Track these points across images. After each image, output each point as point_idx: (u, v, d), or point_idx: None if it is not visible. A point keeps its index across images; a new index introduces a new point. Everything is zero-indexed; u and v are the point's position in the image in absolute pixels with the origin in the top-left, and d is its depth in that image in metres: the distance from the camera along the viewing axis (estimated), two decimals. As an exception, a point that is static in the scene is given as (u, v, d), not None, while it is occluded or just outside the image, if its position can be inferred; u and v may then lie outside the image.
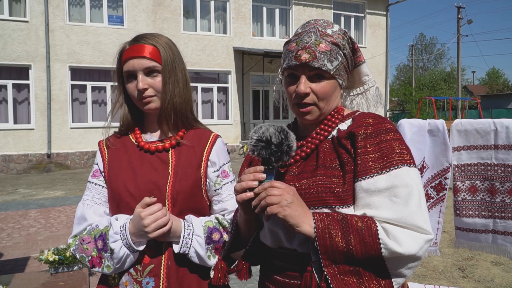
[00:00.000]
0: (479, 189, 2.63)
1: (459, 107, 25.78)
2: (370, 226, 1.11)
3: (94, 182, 1.49)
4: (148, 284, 1.37)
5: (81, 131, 14.76)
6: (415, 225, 1.10)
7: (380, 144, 1.17)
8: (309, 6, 18.46)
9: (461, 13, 28.95)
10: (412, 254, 1.09)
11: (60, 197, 9.31)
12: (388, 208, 1.13)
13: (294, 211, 1.12)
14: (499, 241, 2.62)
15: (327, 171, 1.21)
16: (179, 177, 1.41)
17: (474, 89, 46.53)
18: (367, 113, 1.29)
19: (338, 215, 1.14)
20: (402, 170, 1.14)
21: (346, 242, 1.10)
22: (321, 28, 1.30)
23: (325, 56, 1.25)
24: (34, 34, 13.96)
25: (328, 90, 1.28)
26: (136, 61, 1.39)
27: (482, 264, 4.67)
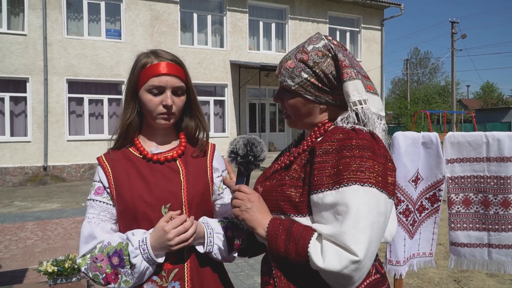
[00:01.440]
0: (472, 201, 2.68)
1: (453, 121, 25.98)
2: (305, 238, 1.18)
3: (98, 199, 1.48)
4: None
5: (77, 143, 14.78)
6: (344, 244, 1.11)
7: (340, 160, 1.19)
8: (305, 21, 18.69)
9: (455, 28, 29.34)
10: (334, 271, 1.11)
11: (56, 209, 9.30)
12: (329, 224, 1.16)
13: (251, 216, 1.27)
14: (494, 255, 2.66)
15: (291, 181, 1.30)
16: (191, 184, 1.49)
17: (468, 103, 46.91)
18: (341, 129, 1.27)
19: (288, 224, 1.23)
20: (351, 188, 1.14)
21: (285, 249, 1.20)
22: (307, 43, 1.38)
23: (286, 72, 1.35)
24: (32, 47, 14.05)
25: (293, 104, 1.36)
26: (170, 79, 1.46)
27: (477, 276, 4.71)
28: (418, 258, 2.73)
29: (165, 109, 1.46)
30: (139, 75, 1.48)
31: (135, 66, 1.51)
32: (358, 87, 1.29)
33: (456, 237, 2.71)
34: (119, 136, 1.55)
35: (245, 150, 1.35)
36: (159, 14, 15.88)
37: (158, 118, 1.48)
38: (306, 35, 18.63)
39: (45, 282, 3.85)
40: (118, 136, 1.55)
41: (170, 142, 1.58)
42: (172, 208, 1.45)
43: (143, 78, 1.47)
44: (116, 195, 1.47)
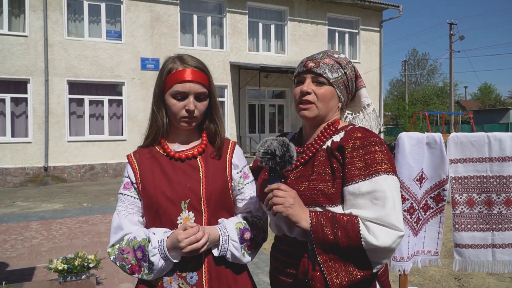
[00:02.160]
0: (476, 202, 2.75)
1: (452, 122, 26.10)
2: (354, 223, 1.37)
3: (126, 193, 1.60)
4: (192, 278, 1.52)
5: (78, 144, 14.83)
6: (390, 223, 1.36)
7: (365, 155, 1.42)
8: (304, 22, 18.78)
9: (453, 30, 29.48)
10: (386, 247, 1.35)
11: (59, 209, 9.35)
12: (369, 209, 1.38)
13: (295, 211, 1.39)
14: (498, 255, 2.71)
15: (320, 176, 1.47)
16: (210, 181, 1.57)
17: (466, 104, 47.09)
18: (357, 128, 1.53)
19: (329, 214, 1.41)
20: (381, 177, 1.39)
21: (334, 236, 1.37)
22: (330, 52, 1.62)
23: (327, 66, 1.56)
24: (33, 48, 14.10)
25: (326, 94, 1.55)
26: (193, 85, 1.54)
27: (477, 274, 4.80)
28: (422, 255, 2.81)
29: (188, 114, 1.55)
30: (165, 79, 1.56)
31: (162, 71, 1.58)
32: (367, 93, 1.69)
33: (460, 238, 2.75)
34: (148, 136, 1.65)
35: (282, 150, 1.41)
36: (159, 15, 15.95)
37: (181, 121, 1.57)
38: (306, 37, 18.75)
39: (55, 280, 3.92)
40: (148, 136, 1.66)
41: (192, 141, 1.67)
42: (191, 203, 1.53)
43: (168, 83, 1.55)
44: (141, 190, 1.57)
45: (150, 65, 15.71)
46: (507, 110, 34.02)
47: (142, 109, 15.65)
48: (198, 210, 1.55)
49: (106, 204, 9.93)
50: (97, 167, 14.99)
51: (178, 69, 1.55)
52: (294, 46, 18.63)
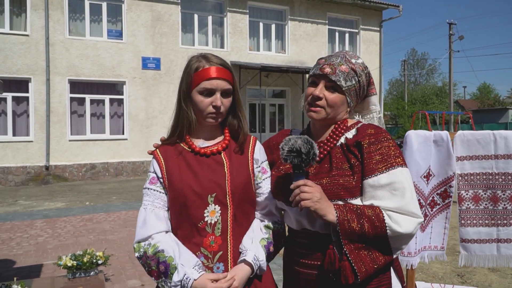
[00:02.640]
0: (482, 198, 2.80)
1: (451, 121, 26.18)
2: (378, 214, 1.47)
3: (152, 188, 1.64)
4: (218, 268, 1.58)
5: (79, 143, 14.86)
6: (410, 211, 1.49)
7: (381, 150, 1.53)
8: (305, 22, 18.83)
9: (452, 29, 29.57)
10: (409, 233, 1.48)
11: (62, 208, 9.40)
12: (389, 199, 1.49)
13: (322, 205, 1.46)
14: (502, 250, 2.77)
15: (339, 172, 1.55)
16: (234, 175, 1.63)
17: (465, 103, 47.21)
18: (367, 124, 1.65)
19: (353, 206, 1.50)
20: (397, 170, 1.51)
21: (361, 226, 1.46)
22: (348, 56, 1.67)
23: (342, 74, 1.61)
24: (34, 47, 14.13)
25: (337, 101, 1.62)
26: (220, 82, 1.60)
27: (479, 271, 4.86)
28: (429, 251, 2.86)
29: (215, 109, 1.61)
30: (192, 77, 1.61)
31: (188, 69, 1.63)
32: (377, 101, 1.79)
33: (466, 233, 2.81)
34: (174, 132, 1.69)
35: (307, 147, 1.46)
36: (160, 15, 15.99)
37: (207, 117, 1.63)
38: (306, 36, 18.80)
39: (64, 276, 3.96)
40: (173, 132, 1.70)
41: (216, 137, 1.72)
42: (217, 197, 1.59)
43: (196, 81, 1.60)
44: (168, 184, 1.62)
45: (151, 64, 15.74)
46: (506, 109, 34.12)
47: (143, 108, 15.69)
48: (224, 204, 1.60)
49: (109, 203, 9.97)
50: (98, 166, 15.02)
51: (205, 67, 1.60)
52: (295, 46, 18.68)
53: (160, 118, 15.88)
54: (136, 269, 4.99)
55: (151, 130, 15.76)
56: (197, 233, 1.59)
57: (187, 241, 1.60)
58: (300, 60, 18.54)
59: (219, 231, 1.59)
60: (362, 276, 1.46)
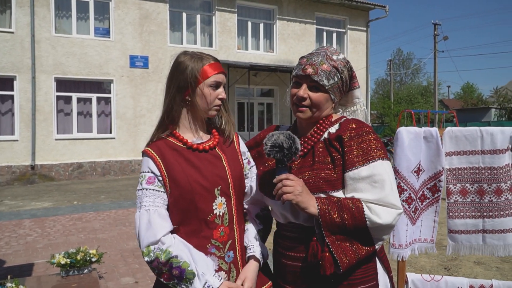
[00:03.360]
0: (469, 191, 2.89)
1: (436, 120, 26.53)
2: (358, 205, 1.52)
3: (151, 188, 1.61)
4: (229, 257, 1.66)
5: (66, 142, 14.73)
6: (390, 203, 1.52)
7: (362, 144, 1.57)
8: (293, 21, 18.92)
9: (437, 30, 29.94)
10: (388, 224, 1.52)
11: (50, 207, 9.33)
12: (370, 191, 1.53)
13: (303, 198, 1.51)
14: (488, 240, 2.87)
15: (321, 165, 1.61)
16: (232, 168, 1.71)
17: (449, 103, 47.78)
18: (350, 119, 1.69)
19: (334, 199, 1.54)
20: (378, 162, 1.55)
21: (341, 218, 1.50)
22: (329, 53, 1.71)
23: (324, 74, 1.65)
24: (20, 45, 13.97)
25: (321, 100, 1.67)
26: (223, 76, 1.70)
27: (465, 264, 4.98)
28: (419, 243, 2.95)
29: (220, 101, 1.69)
30: (197, 73, 1.64)
31: (187, 67, 1.66)
32: (361, 93, 1.84)
33: (454, 224, 2.91)
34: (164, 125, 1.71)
35: (289, 143, 1.52)
36: (148, 13, 15.93)
37: (212, 109, 1.70)
38: (294, 36, 18.89)
39: (57, 274, 3.96)
40: (162, 125, 1.72)
41: (205, 133, 1.77)
42: (222, 190, 1.65)
43: (204, 75, 1.64)
44: (169, 182, 1.61)
45: (139, 62, 15.68)
46: (489, 109, 34.68)
47: (131, 107, 15.62)
48: (228, 195, 1.67)
49: (97, 202, 9.93)
50: (86, 165, 14.91)
51: (210, 62, 1.67)
52: (283, 45, 18.77)
53: (148, 117, 15.82)
54: (129, 267, 5.00)
55: (139, 129, 15.69)
56: (206, 227, 1.62)
57: (194, 236, 1.62)
58: (288, 59, 18.62)
59: (227, 222, 1.66)
60: (344, 266, 1.50)
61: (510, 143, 2.80)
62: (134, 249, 5.75)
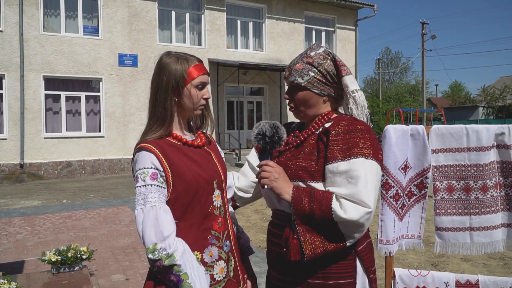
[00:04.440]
0: (455, 188, 2.95)
1: (424, 119, 26.78)
2: (328, 198, 1.54)
3: (155, 184, 1.59)
4: (227, 246, 1.74)
5: (54, 141, 14.65)
6: (360, 200, 1.51)
7: (348, 140, 1.58)
8: (282, 20, 18.98)
9: (425, 29, 30.21)
10: (354, 220, 1.50)
11: (40, 206, 9.28)
12: (344, 186, 1.53)
13: (279, 184, 1.59)
14: (475, 238, 2.92)
15: (306, 156, 1.66)
16: (220, 163, 1.80)
17: (437, 101, 48.23)
18: (345, 117, 1.70)
19: (309, 189, 1.59)
20: (359, 160, 1.54)
21: (310, 208, 1.54)
22: (309, 50, 1.76)
23: (296, 73, 1.71)
24: (8, 43, 13.85)
25: (302, 98, 1.73)
26: (208, 77, 1.75)
27: (452, 260, 5.08)
28: (407, 239, 3.00)
29: (205, 101, 1.76)
30: (184, 74, 1.67)
31: (174, 67, 1.67)
32: (353, 80, 1.74)
33: (441, 222, 2.96)
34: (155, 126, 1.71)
35: (271, 132, 1.63)
36: (137, 11, 15.88)
37: (198, 109, 1.75)
38: (283, 34, 18.95)
39: (48, 271, 3.97)
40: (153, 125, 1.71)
41: (192, 132, 1.83)
42: (218, 183, 1.75)
43: (191, 76, 1.68)
44: (173, 177, 1.61)
45: (128, 61, 15.63)
46: (476, 107, 35.12)
47: (120, 105, 15.56)
48: (221, 188, 1.76)
49: (87, 200, 9.89)
50: (74, 164, 14.84)
51: (195, 63, 1.71)
52: (272, 44, 18.82)
53: (138, 115, 15.78)
54: (120, 264, 5.02)
55: (128, 128, 15.64)
56: (207, 218, 1.68)
57: (194, 229, 1.64)
58: (278, 58, 18.69)
59: (222, 213, 1.74)
60: (308, 255, 1.54)
61: (495, 140, 2.87)
62: (124, 247, 5.76)
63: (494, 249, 2.89)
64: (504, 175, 2.88)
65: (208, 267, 1.66)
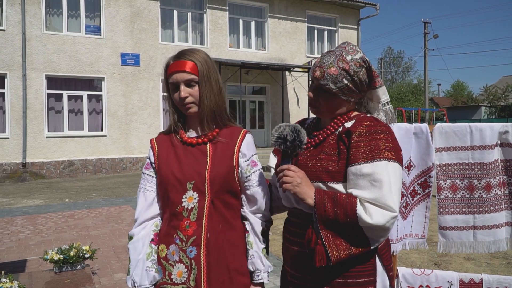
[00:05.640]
0: (459, 187, 2.94)
1: (426, 118, 26.73)
2: (352, 203, 1.50)
3: (146, 173, 1.81)
4: (191, 252, 1.67)
5: (56, 140, 14.66)
6: (385, 204, 1.48)
7: (371, 141, 1.54)
8: (284, 19, 18.96)
9: (427, 28, 30.15)
10: (380, 225, 1.47)
11: (42, 205, 9.29)
12: (368, 189, 1.50)
13: (301, 189, 1.56)
14: (478, 236, 2.91)
15: (326, 156, 1.62)
16: (215, 165, 1.70)
17: (440, 101, 48.13)
18: (368, 117, 1.66)
19: (332, 193, 1.55)
20: (382, 163, 1.51)
21: (334, 213, 1.51)
22: (344, 53, 1.67)
23: (330, 78, 1.63)
24: (11, 42, 13.87)
25: (329, 102, 1.68)
26: (179, 75, 1.68)
27: (455, 260, 5.06)
28: (410, 238, 2.99)
29: (182, 101, 1.69)
30: (166, 76, 1.75)
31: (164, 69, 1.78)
32: (385, 92, 1.75)
33: (444, 221, 2.94)
34: (169, 124, 1.84)
35: (293, 136, 1.59)
36: (140, 10, 15.88)
37: (182, 109, 1.74)
38: (285, 34, 18.93)
39: (51, 270, 3.97)
40: (168, 124, 1.84)
41: (206, 128, 1.76)
42: (195, 185, 1.68)
43: (166, 79, 1.75)
44: (157, 170, 1.77)
45: (130, 60, 15.63)
46: (479, 106, 35.02)
47: (122, 104, 15.57)
48: (202, 191, 1.68)
49: (89, 200, 9.90)
50: (77, 163, 14.85)
51: (169, 63, 1.72)
52: (274, 43, 18.80)
53: (140, 115, 15.79)
54: (122, 263, 5.02)
55: (131, 127, 15.65)
56: (175, 217, 1.70)
57: (166, 223, 1.74)
58: (280, 57, 18.67)
59: (194, 217, 1.68)
60: (334, 260, 1.52)
61: (499, 138, 2.85)
62: (126, 246, 5.75)
63: (498, 248, 2.87)
64: (508, 174, 2.86)
65: (169, 264, 1.71)
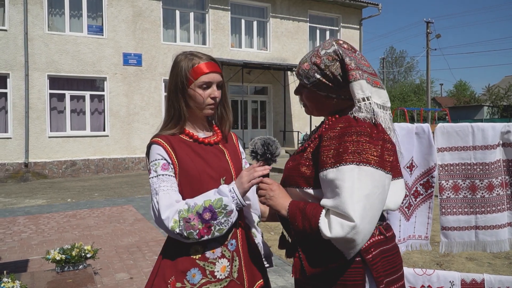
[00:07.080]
0: (461, 187, 2.93)
1: (429, 118, 26.69)
2: (316, 215, 1.44)
3: (167, 174, 1.68)
4: (232, 245, 1.73)
5: (59, 140, 14.69)
6: (344, 212, 1.35)
7: (340, 145, 1.43)
8: (286, 19, 18.95)
9: (430, 28, 30.09)
10: (340, 237, 1.36)
11: (44, 205, 9.31)
12: (331, 197, 1.41)
13: (274, 202, 1.58)
14: (480, 236, 2.91)
15: (304, 161, 1.59)
16: (234, 162, 1.81)
17: (442, 101, 48.02)
18: (344, 118, 1.51)
19: (302, 205, 1.50)
20: (348, 167, 1.38)
21: (303, 226, 1.47)
22: (321, 47, 1.62)
23: (303, 73, 1.62)
24: (13, 42, 13.90)
25: (308, 98, 1.66)
26: (216, 76, 1.74)
27: (457, 260, 5.05)
28: (414, 240, 2.99)
29: (213, 101, 1.74)
30: (188, 74, 1.71)
31: (180, 68, 1.73)
32: (363, 86, 1.52)
33: (446, 221, 2.94)
34: (169, 125, 1.77)
35: (263, 149, 1.65)
36: (142, 10, 15.89)
37: (206, 108, 1.76)
38: (287, 33, 18.93)
39: (53, 270, 3.98)
40: (169, 126, 1.77)
41: (208, 130, 1.86)
42: (226, 180, 1.74)
43: (194, 76, 1.71)
44: (179, 170, 1.69)
45: (132, 60, 15.64)
46: (481, 106, 34.96)
47: (125, 104, 15.59)
48: None
49: (91, 199, 9.91)
50: (79, 163, 14.87)
51: (200, 63, 1.72)
52: (276, 43, 18.80)
53: (142, 115, 15.80)
54: (124, 263, 5.02)
55: (133, 127, 15.66)
56: None
57: None
58: (282, 57, 18.66)
59: None
60: (309, 273, 1.49)
61: (501, 138, 2.84)
62: (128, 246, 5.77)
63: (500, 248, 2.86)
64: (510, 174, 2.85)
65: (209, 263, 1.67)
